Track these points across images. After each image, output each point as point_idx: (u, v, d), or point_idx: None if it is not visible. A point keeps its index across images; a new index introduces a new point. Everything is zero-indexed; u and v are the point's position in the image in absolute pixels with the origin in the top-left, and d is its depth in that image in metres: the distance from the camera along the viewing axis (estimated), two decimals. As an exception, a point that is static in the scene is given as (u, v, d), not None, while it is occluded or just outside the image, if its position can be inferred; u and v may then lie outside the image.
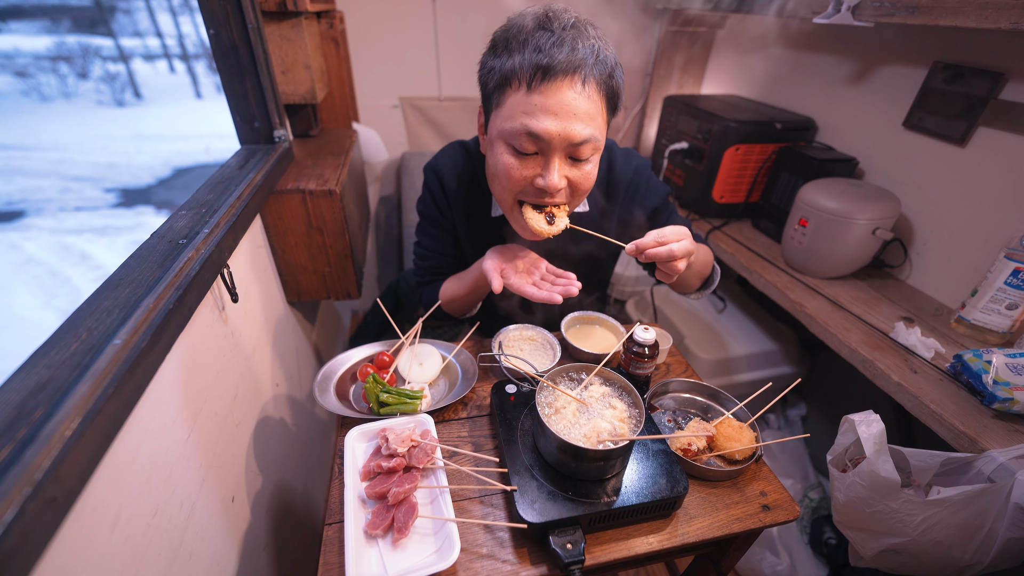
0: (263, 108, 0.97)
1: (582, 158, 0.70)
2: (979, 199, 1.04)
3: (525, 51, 0.65)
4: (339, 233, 1.05)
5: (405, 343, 0.82)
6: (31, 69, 8.79)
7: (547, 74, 0.64)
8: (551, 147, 0.67)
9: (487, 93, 0.72)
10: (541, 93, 0.64)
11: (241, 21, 0.88)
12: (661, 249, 0.67)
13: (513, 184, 0.71)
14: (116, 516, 0.46)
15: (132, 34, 11.71)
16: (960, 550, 0.67)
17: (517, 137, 0.67)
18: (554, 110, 0.65)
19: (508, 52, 0.66)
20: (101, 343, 0.46)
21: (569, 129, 0.66)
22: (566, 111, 0.65)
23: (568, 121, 0.65)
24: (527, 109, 0.65)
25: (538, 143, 0.67)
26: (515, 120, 0.66)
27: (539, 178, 0.70)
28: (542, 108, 0.65)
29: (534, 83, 0.64)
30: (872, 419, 0.67)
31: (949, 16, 0.80)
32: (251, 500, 0.80)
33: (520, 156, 0.69)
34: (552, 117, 0.65)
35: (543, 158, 0.69)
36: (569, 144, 0.67)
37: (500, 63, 0.67)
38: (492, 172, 0.75)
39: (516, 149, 0.69)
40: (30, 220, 4.47)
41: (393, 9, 1.60)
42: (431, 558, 0.55)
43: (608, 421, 0.62)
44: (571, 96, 0.65)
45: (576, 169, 0.71)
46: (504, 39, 0.68)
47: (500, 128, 0.69)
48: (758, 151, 1.39)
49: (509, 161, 0.70)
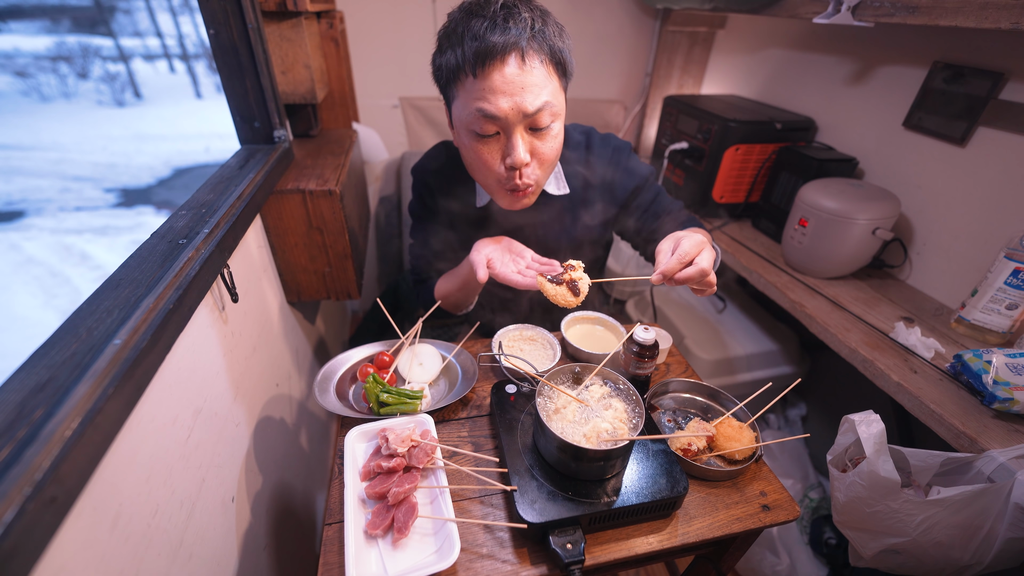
0: (263, 108, 0.97)
1: (542, 126, 0.72)
2: (979, 199, 1.04)
3: (464, 42, 0.68)
4: (339, 233, 1.05)
5: (405, 343, 0.82)
6: (31, 69, 8.78)
7: (486, 57, 0.67)
8: (509, 123, 0.70)
9: (443, 90, 0.76)
10: (486, 76, 0.67)
11: (241, 21, 0.87)
12: (691, 270, 0.65)
13: (486, 167, 0.75)
14: (116, 516, 0.46)
15: (132, 34, 11.71)
16: (960, 550, 0.67)
17: (475, 122, 0.71)
18: (501, 88, 0.68)
19: (451, 47, 0.70)
20: (101, 343, 0.46)
21: (520, 103, 0.69)
22: (513, 87, 0.68)
23: (517, 95, 0.68)
24: (477, 95, 0.69)
25: (496, 122, 0.70)
26: (469, 107, 0.70)
27: (505, 156, 0.73)
28: (490, 90, 0.68)
29: (477, 69, 0.67)
30: (872, 419, 0.67)
31: (949, 16, 0.80)
32: (251, 500, 0.80)
33: (484, 139, 0.73)
34: (501, 95, 0.68)
35: (505, 137, 0.72)
36: (524, 116, 0.70)
37: (446, 59, 0.71)
38: (467, 162, 0.80)
39: (478, 134, 0.72)
40: (30, 220, 4.47)
41: (393, 9, 1.60)
42: (431, 558, 0.55)
43: (608, 421, 0.62)
44: (514, 72, 0.68)
45: (539, 139, 0.74)
46: (445, 35, 0.71)
47: (459, 118, 0.73)
48: (758, 151, 1.39)
49: (476, 147, 0.74)
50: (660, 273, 0.65)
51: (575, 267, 0.73)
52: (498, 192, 0.80)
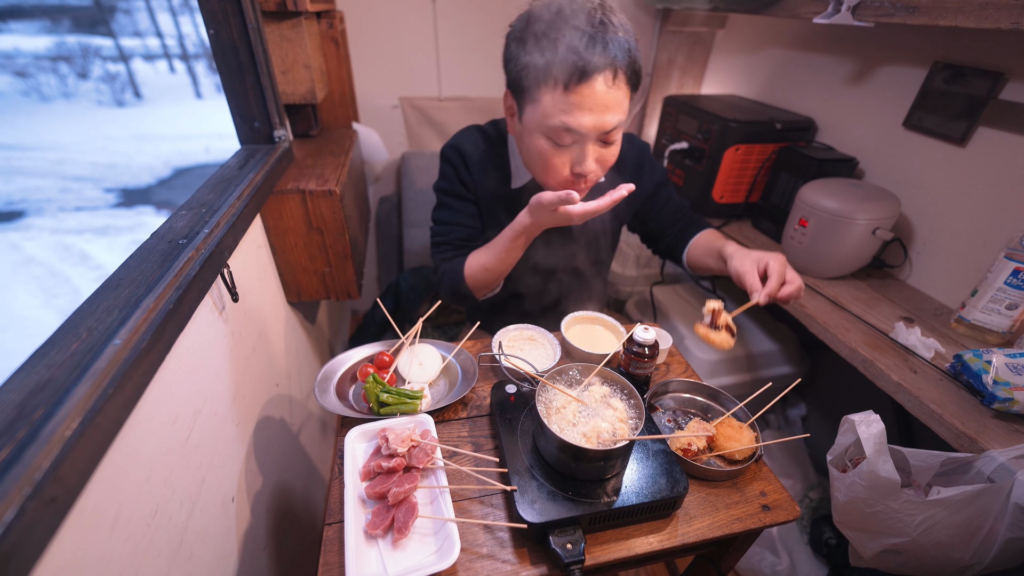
0: (263, 108, 0.97)
1: (612, 140, 0.78)
2: (979, 199, 1.04)
3: (558, 50, 0.68)
4: (339, 233, 1.05)
5: (405, 343, 0.82)
6: (31, 69, 8.78)
7: (583, 76, 0.68)
8: (586, 137, 0.74)
9: (520, 86, 0.75)
10: (578, 93, 0.69)
11: (241, 21, 0.87)
12: (791, 288, 0.78)
13: (552, 171, 0.79)
14: (116, 516, 0.46)
15: (132, 34, 11.70)
16: (960, 550, 0.67)
17: (555, 132, 0.74)
18: (589, 107, 0.70)
19: (540, 50, 0.69)
20: (101, 343, 0.46)
21: (603, 121, 0.72)
22: (600, 106, 0.71)
23: (602, 114, 0.72)
24: (565, 108, 0.71)
25: (574, 135, 0.74)
26: (553, 117, 0.72)
27: (576, 165, 0.78)
28: (578, 106, 0.70)
29: (571, 84, 0.69)
30: (872, 419, 0.67)
31: (949, 16, 0.80)
32: (251, 500, 0.80)
33: (557, 147, 0.76)
34: (588, 113, 0.71)
35: (578, 146, 0.76)
36: (602, 133, 0.74)
37: (533, 60, 0.70)
38: (531, 159, 0.82)
39: (555, 142, 0.75)
40: (30, 220, 4.47)
41: (393, 9, 1.60)
42: (431, 558, 0.55)
43: (608, 421, 0.62)
44: (603, 91, 0.70)
45: (605, 149, 0.78)
46: (534, 34, 0.70)
47: (536, 121, 0.75)
48: (758, 151, 1.39)
49: (547, 151, 0.77)
50: (767, 295, 0.76)
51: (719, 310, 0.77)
52: (556, 188, 0.82)
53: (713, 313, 0.77)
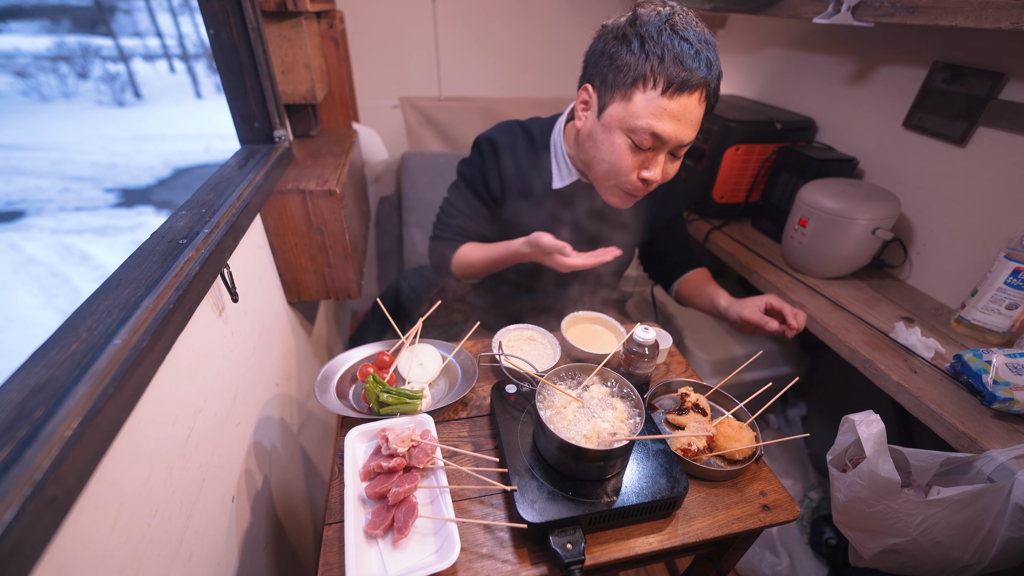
0: (263, 108, 0.97)
1: (680, 156, 0.81)
2: (979, 199, 1.04)
3: (665, 57, 0.71)
4: (339, 233, 1.05)
5: (405, 343, 0.82)
6: (31, 69, 8.78)
7: (683, 87, 0.71)
8: (664, 147, 0.77)
9: (612, 82, 0.77)
10: (674, 101, 0.72)
11: (241, 21, 0.87)
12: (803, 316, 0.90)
13: (621, 171, 0.81)
14: (116, 516, 0.46)
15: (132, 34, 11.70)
16: (960, 550, 0.67)
17: (640, 133, 0.75)
18: (678, 117, 0.73)
19: (645, 53, 0.72)
20: (101, 343, 0.46)
21: (684, 134, 0.75)
22: (687, 119, 0.74)
23: (686, 127, 0.75)
24: (656, 112, 0.73)
25: (656, 142, 0.76)
26: (642, 119, 0.74)
27: (644, 171, 0.80)
28: (670, 114, 0.73)
29: (670, 91, 0.72)
30: (872, 419, 0.67)
31: (949, 16, 0.80)
32: (251, 500, 0.80)
33: (635, 149, 0.78)
34: (675, 123, 0.74)
35: (652, 154, 0.78)
36: (680, 145, 0.78)
37: (636, 60, 0.72)
38: (598, 155, 0.82)
39: (635, 143, 0.77)
40: (30, 220, 4.47)
41: (393, 9, 1.60)
42: (431, 558, 0.55)
43: (608, 421, 0.62)
44: (692, 106, 0.73)
45: (671, 164, 0.82)
46: (639, 36, 0.73)
47: (623, 121, 0.76)
48: (758, 151, 1.39)
49: (623, 151, 0.78)
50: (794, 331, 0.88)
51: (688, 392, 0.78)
52: (614, 191, 0.85)
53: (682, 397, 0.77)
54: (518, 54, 1.79)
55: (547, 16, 1.71)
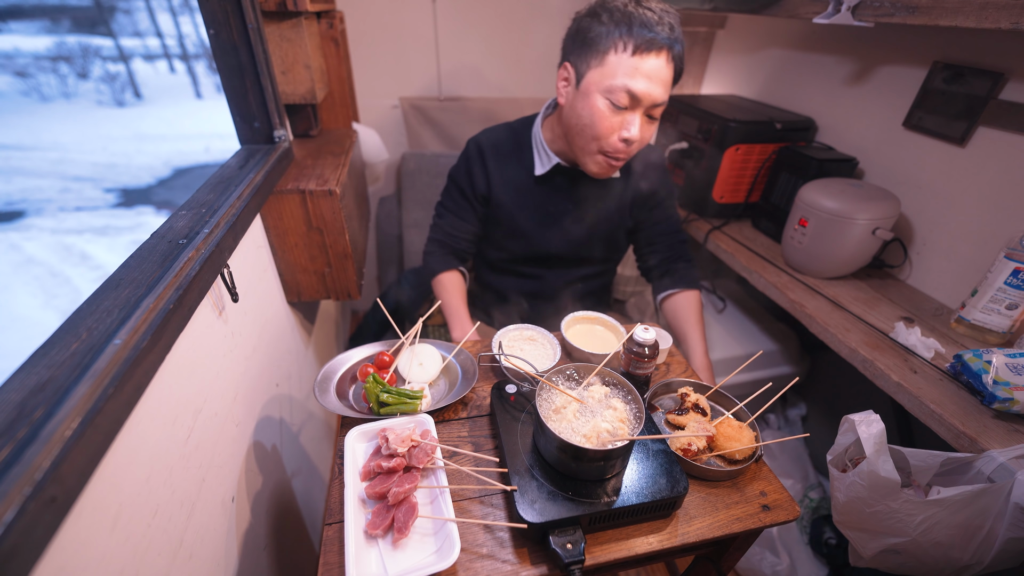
0: (263, 108, 0.97)
1: (656, 117, 0.88)
2: (979, 199, 1.04)
3: (633, 23, 0.80)
4: (339, 233, 1.05)
5: (405, 343, 0.82)
6: (31, 69, 8.79)
7: (651, 46, 0.80)
8: (639, 105, 0.84)
9: (586, 52, 0.86)
10: (644, 60, 0.81)
11: (241, 21, 0.87)
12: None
13: (602, 133, 0.87)
14: (116, 516, 0.46)
15: (132, 34, 11.71)
16: (960, 550, 0.67)
17: (616, 92, 0.83)
18: (649, 75, 0.82)
19: (614, 22, 0.82)
20: (101, 343, 0.46)
21: (656, 92, 0.83)
22: (657, 78, 0.82)
23: (657, 86, 0.83)
24: (629, 71, 0.82)
25: (632, 100, 0.83)
26: (617, 78, 0.82)
27: (624, 131, 0.87)
28: (642, 72, 0.81)
29: (640, 51, 0.81)
30: (872, 419, 0.67)
31: (949, 16, 0.80)
32: (251, 500, 0.80)
33: (615, 109, 0.85)
34: (647, 80, 0.82)
35: (629, 114, 0.86)
36: (652, 105, 0.85)
37: (605, 29, 0.82)
38: (579, 121, 0.90)
39: (612, 103, 0.84)
40: (30, 220, 4.47)
41: (393, 9, 1.60)
42: (431, 558, 0.55)
43: (608, 421, 0.62)
44: (662, 66, 0.82)
45: (648, 125, 0.88)
46: (607, 8, 0.83)
47: (600, 83, 0.84)
48: (758, 151, 1.39)
49: (603, 113, 0.86)
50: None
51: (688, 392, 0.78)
52: (596, 157, 0.92)
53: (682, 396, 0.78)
54: (518, 54, 1.79)
55: (547, 16, 1.71)
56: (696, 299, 1.12)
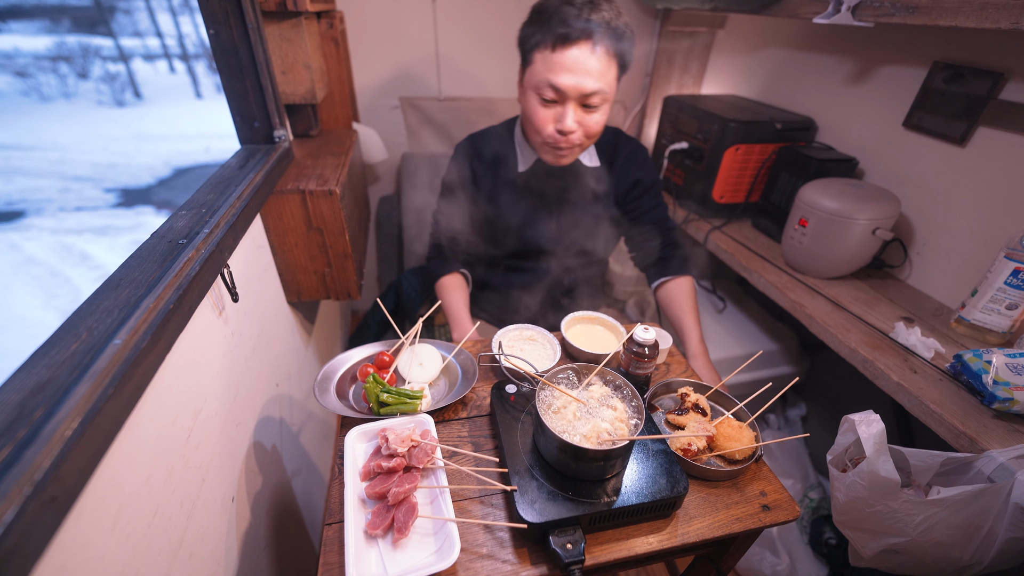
0: (263, 108, 0.97)
1: (592, 106, 0.89)
2: (979, 199, 1.04)
3: (552, 20, 0.84)
4: (339, 233, 1.05)
5: (405, 343, 0.82)
6: (31, 69, 8.78)
7: (566, 39, 0.83)
8: (567, 97, 0.87)
9: (523, 54, 0.93)
10: (562, 54, 0.84)
11: (241, 21, 0.87)
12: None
13: (539, 126, 0.92)
14: (116, 516, 0.46)
15: (132, 34, 11.71)
16: (960, 550, 0.67)
17: (542, 87, 0.88)
18: (570, 68, 0.84)
19: (540, 22, 0.86)
20: (101, 343, 0.46)
21: (581, 83, 0.85)
22: (581, 69, 0.84)
23: (581, 76, 0.84)
24: (549, 66, 0.86)
25: (558, 93, 0.87)
26: (540, 75, 0.87)
27: (558, 123, 0.90)
28: (561, 66, 0.84)
29: (556, 46, 0.84)
30: (872, 419, 0.67)
31: (949, 16, 0.80)
32: (251, 500, 0.80)
33: (545, 104, 0.90)
34: (568, 73, 0.84)
35: (560, 107, 0.89)
36: (581, 95, 0.86)
37: (534, 31, 0.87)
38: (524, 117, 0.97)
39: (542, 98, 0.89)
40: (30, 220, 4.47)
41: (393, 9, 1.60)
42: (431, 558, 0.55)
43: (608, 421, 0.62)
44: (584, 57, 0.83)
45: (587, 115, 0.90)
46: (538, 11, 0.88)
47: (530, 82, 0.90)
48: (758, 151, 1.39)
49: (536, 107, 0.91)
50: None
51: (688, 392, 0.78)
52: (543, 148, 0.97)
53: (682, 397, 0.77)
54: (518, 54, 1.79)
55: (547, 16, 1.71)
56: (689, 285, 1.12)
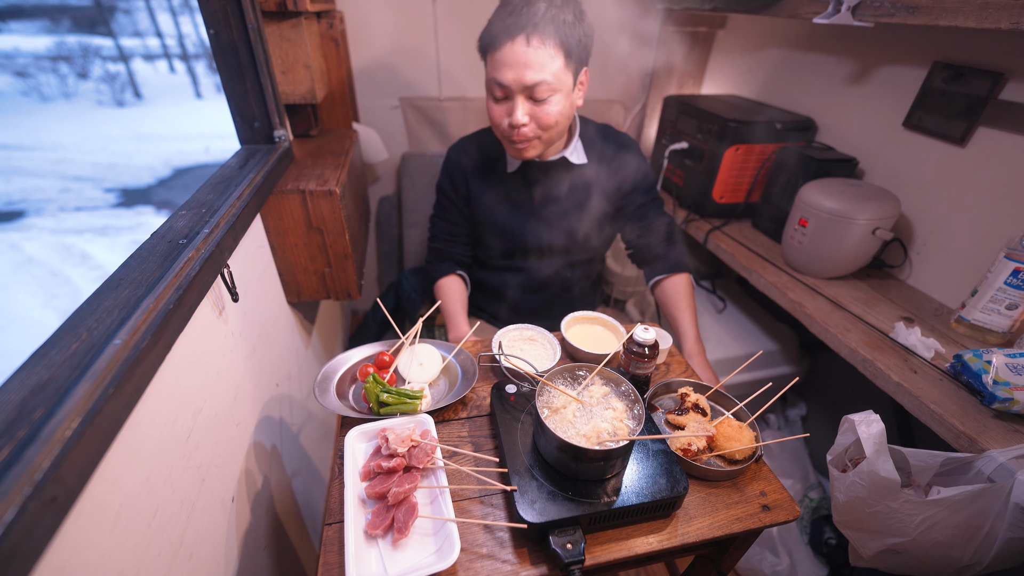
0: (263, 108, 0.97)
1: (540, 98, 0.89)
2: (979, 199, 1.04)
3: (493, 24, 0.88)
4: (339, 233, 1.05)
5: (405, 343, 0.82)
6: (31, 69, 8.78)
7: (502, 36, 0.86)
8: (512, 91, 0.89)
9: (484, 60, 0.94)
10: (502, 51, 0.87)
11: (241, 21, 0.87)
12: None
13: (495, 122, 0.96)
14: (116, 516, 0.46)
15: (132, 34, 11.70)
16: (960, 550, 0.67)
17: (491, 87, 0.92)
18: (508, 63, 0.86)
19: (488, 27, 0.90)
20: (101, 343, 0.46)
21: (521, 76, 0.86)
22: (518, 62, 0.86)
23: (520, 71, 0.86)
24: (493, 65, 0.89)
25: (503, 89, 0.89)
26: (489, 75, 0.92)
27: (508, 116, 0.92)
28: (501, 62, 0.87)
29: (495, 45, 0.87)
30: (872, 419, 0.67)
31: (949, 16, 0.80)
32: (251, 500, 0.80)
33: (496, 101, 0.93)
34: (509, 69, 0.87)
35: (509, 102, 0.91)
36: (524, 87, 0.88)
37: (483, 36, 0.92)
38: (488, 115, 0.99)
39: (493, 96, 0.93)
40: (30, 220, 4.47)
41: (393, 9, 1.59)
42: (431, 558, 0.55)
43: (608, 421, 0.62)
44: (522, 51, 0.85)
45: (538, 108, 0.91)
46: (490, 19, 0.90)
47: (485, 84, 0.95)
48: (758, 151, 1.39)
49: (490, 105, 0.95)
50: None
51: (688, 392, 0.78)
52: (506, 144, 0.99)
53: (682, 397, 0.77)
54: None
55: (547, 16, 1.71)
56: (685, 283, 1.12)
